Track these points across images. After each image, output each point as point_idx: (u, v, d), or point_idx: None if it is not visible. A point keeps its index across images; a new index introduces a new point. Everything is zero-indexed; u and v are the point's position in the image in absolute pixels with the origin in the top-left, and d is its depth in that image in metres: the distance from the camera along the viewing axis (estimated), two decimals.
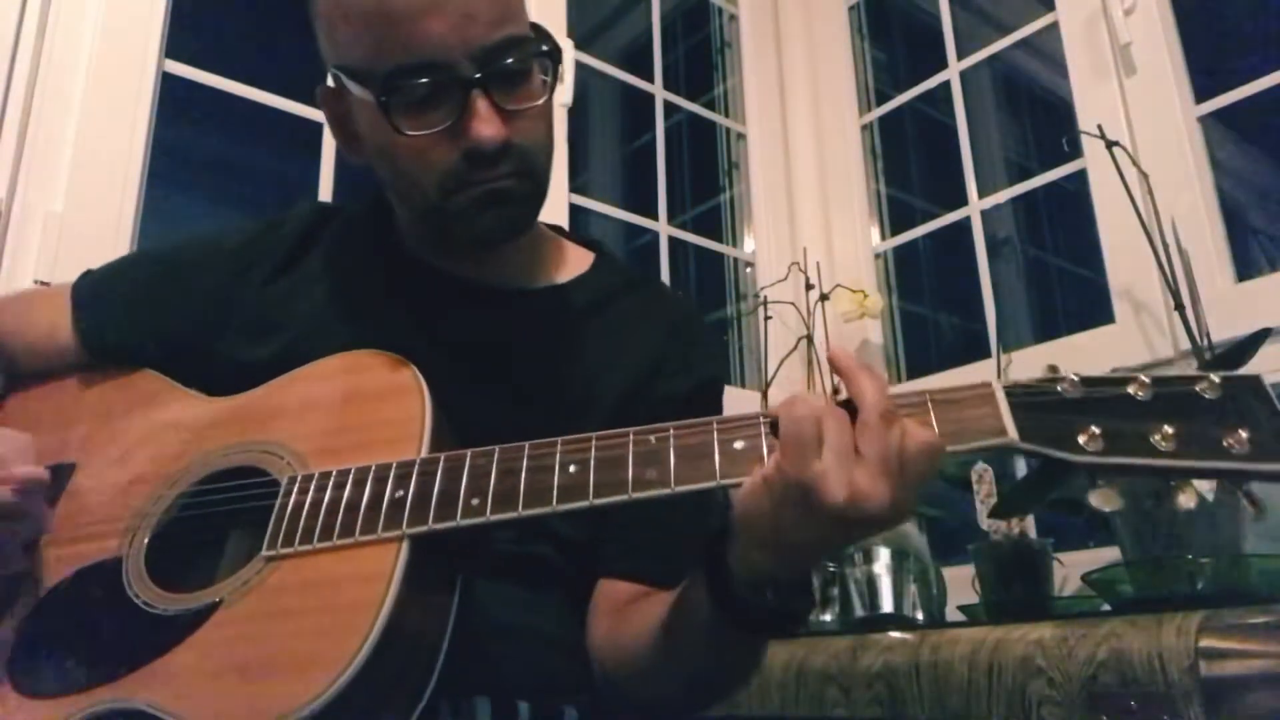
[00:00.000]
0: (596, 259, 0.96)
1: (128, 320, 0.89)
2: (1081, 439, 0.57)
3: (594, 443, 0.64)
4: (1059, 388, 0.59)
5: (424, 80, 0.74)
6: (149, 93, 1.41)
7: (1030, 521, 1.44)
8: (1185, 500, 0.57)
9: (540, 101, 0.79)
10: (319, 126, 1.60)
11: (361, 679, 0.58)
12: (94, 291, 0.92)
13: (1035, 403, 0.59)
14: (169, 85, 1.45)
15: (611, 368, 0.86)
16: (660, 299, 0.95)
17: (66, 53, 1.35)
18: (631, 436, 0.64)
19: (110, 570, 0.72)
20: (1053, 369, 0.62)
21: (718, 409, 0.90)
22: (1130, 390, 0.59)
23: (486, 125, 0.74)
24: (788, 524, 0.58)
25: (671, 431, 0.63)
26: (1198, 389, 0.58)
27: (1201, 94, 1.61)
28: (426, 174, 0.77)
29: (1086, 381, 0.59)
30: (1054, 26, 1.83)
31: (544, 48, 0.79)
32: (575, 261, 0.95)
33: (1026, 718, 0.92)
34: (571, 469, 0.63)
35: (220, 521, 0.73)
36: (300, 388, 0.78)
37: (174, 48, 1.47)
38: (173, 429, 0.81)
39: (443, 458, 0.67)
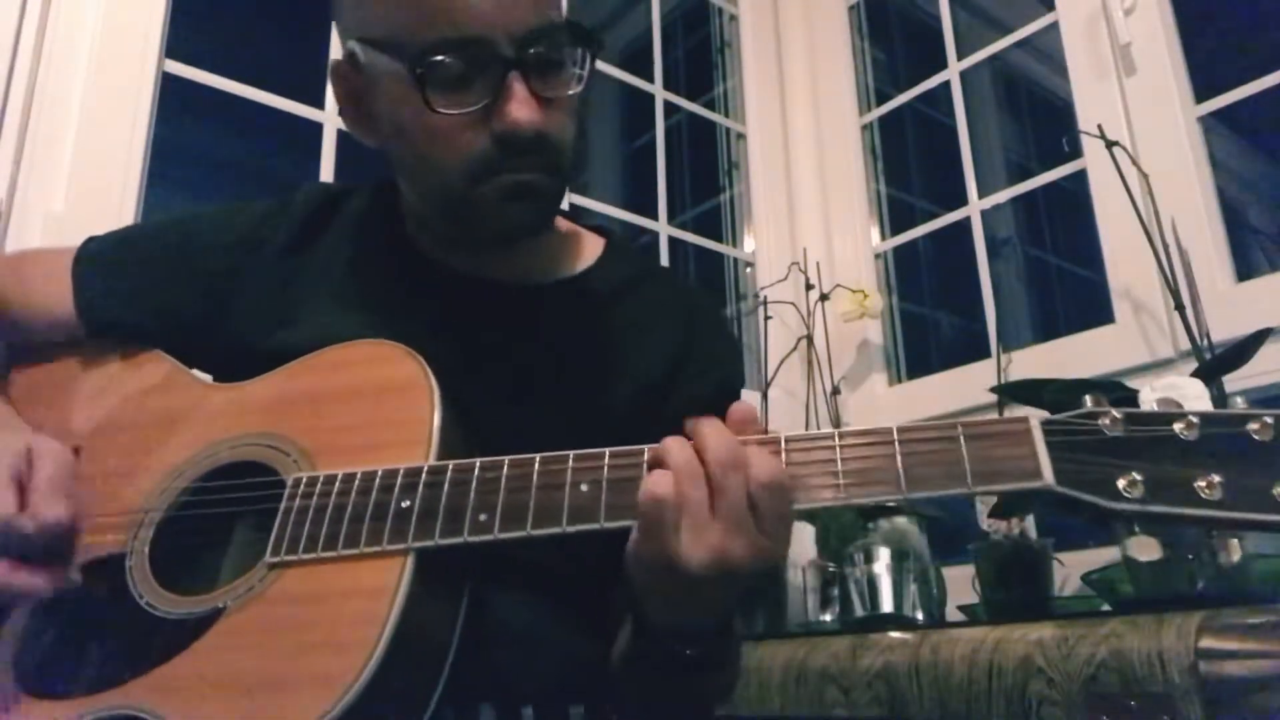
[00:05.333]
0: (608, 246, 0.93)
1: (133, 299, 0.86)
2: (1122, 484, 0.55)
3: (607, 460, 0.63)
4: (1100, 424, 0.57)
5: (462, 57, 0.71)
6: (149, 93, 1.41)
7: (1030, 521, 1.44)
8: (1229, 556, 0.55)
9: (573, 92, 0.76)
10: (319, 126, 1.60)
11: (367, 696, 0.58)
12: (98, 267, 0.89)
13: (1074, 442, 0.57)
14: (169, 85, 1.45)
15: (630, 362, 0.83)
16: (677, 290, 0.92)
17: (66, 53, 1.35)
18: (647, 455, 0.63)
19: (115, 566, 0.71)
20: (1096, 400, 0.58)
21: None
22: (1176, 429, 0.56)
23: (524, 110, 0.71)
24: (665, 586, 0.61)
25: None
26: (1249, 429, 0.55)
27: (1201, 94, 1.61)
28: (453, 159, 0.74)
29: (1130, 419, 0.56)
30: (1054, 26, 1.83)
31: (581, 38, 0.76)
32: (587, 250, 0.91)
33: (1026, 718, 0.92)
34: (583, 488, 0.62)
35: (225, 520, 0.72)
36: (310, 378, 0.76)
37: (174, 48, 1.46)
38: (180, 416, 0.79)
39: (450, 467, 0.65)
